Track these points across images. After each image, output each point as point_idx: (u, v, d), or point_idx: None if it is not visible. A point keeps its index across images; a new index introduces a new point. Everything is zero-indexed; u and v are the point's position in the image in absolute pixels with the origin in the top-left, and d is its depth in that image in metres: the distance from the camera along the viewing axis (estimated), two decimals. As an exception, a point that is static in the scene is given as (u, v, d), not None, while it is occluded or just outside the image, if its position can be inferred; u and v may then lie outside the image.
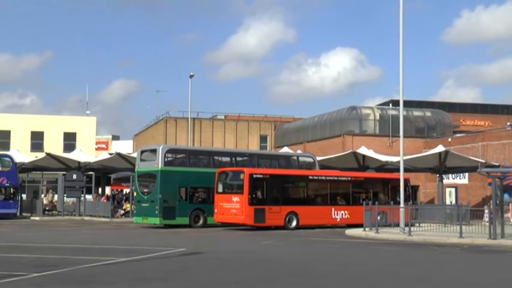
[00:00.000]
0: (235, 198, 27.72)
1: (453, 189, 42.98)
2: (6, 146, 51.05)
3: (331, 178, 31.17)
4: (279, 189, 29.00)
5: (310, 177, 30.81)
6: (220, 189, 28.77)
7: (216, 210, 28.49)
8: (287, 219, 28.33)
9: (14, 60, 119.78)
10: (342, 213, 30.37)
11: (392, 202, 30.29)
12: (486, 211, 37.14)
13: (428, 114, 49.82)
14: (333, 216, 30.08)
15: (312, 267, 14.60)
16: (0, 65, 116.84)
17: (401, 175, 26.16)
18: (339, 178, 31.51)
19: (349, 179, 31.67)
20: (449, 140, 43.84)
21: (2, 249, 17.85)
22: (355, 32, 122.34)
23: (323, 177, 31.03)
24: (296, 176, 31.11)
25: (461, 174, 41.89)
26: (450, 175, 41.47)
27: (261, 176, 28.43)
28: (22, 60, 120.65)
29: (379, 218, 30.36)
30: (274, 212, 27.89)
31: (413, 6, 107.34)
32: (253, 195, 27.60)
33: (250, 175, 27.67)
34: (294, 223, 28.52)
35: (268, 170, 30.59)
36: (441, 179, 37.07)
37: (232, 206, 27.79)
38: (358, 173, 33.72)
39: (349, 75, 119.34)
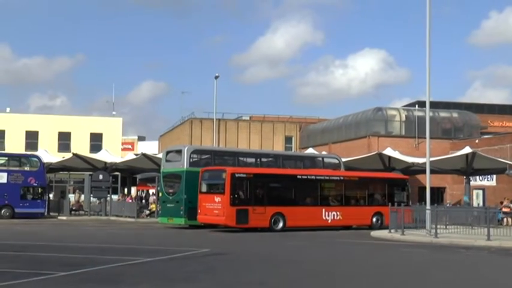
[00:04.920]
0: (217, 199, 26.81)
1: (480, 191, 42.44)
2: (34, 147, 51.72)
3: (322, 178, 29.99)
4: (264, 189, 27.86)
5: (299, 176, 29.37)
6: (203, 189, 28.00)
7: (199, 211, 27.79)
8: (272, 220, 27.20)
9: (46, 62, 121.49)
10: (334, 215, 29.11)
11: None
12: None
13: (455, 115, 49.22)
14: (324, 218, 28.84)
15: (337, 269, 14.52)
16: (33, 67, 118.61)
17: (428, 177, 25.89)
18: (331, 178, 30.40)
19: (342, 178, 30.47)
20: (477, 141, 43.26)
21: (30, 248, 18.10)
22: (383, 33, 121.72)
23: (312, 177, 29.64)
24: (282, 176, 29.64)
25: (488, 176, 41.35)
26: (477, 177, 40.96)
27: (244, 175, 27.33)
28: (54, 62, 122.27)
29: (374, 219, 30.05)
30: (258, 213, 26.72)
31: (441, 8, 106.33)
32: (235, 196, 26.59)
33: (232, 174, 26.70)
34: (281, 224, 27.40)
35: (252, 169, 29.46)
36: (468, 181, 36.63)
37: (214, 206, 26.87)
38: (352, 172, 32.58)
39: (376, 76, 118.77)
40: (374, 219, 30.06)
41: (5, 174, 35.72)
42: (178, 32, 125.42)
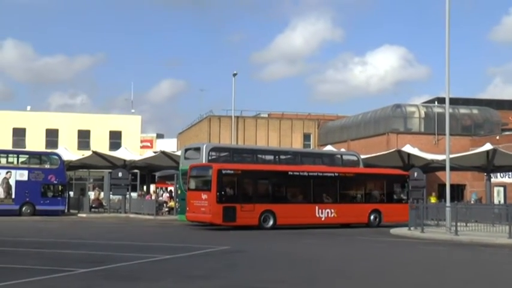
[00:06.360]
0: (204, 196, 26.15)
1: (501, 189, 42.04)
2: (54, 145, 52.16)
3: (315, 174, 28.82)
4: (253, 185, 27.30)
5: (290, 173, 28.29)
6: (192, 186, 27.49)
7: (187, 208, 27.48)
8: (262, 218, 26.46)
9: (67, 61, 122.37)
10: (328, 212, 28.22)
11: (385, 199, 29.81)
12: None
13: (475, 111, 48.80)
14: (317, 215, 27.97)
15: (357, 267, 14.46)
16: (54, 65, 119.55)
17: (448, 174, 25.67)
18: (324, 174, 29.16)
19: (336, 174, 29.40)
20: (498, 137, 42.87)
21: (51, 245, 18.26)
22: (402, 30, 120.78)
23: (305, 173, 28.55)
24: (272, 172, 28.51)
25: (510, 173, 40.94)
26: (498, 174, 40.56)
27: (232, 171, 26.58)
28: (75, 61, 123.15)
29: (372, 217, 29.51)
30: (246, 211, 26.04)
31: (461, 4, 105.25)
32: (222, 193, 25.88)
33: (219, 171, 25.98)
34: (271, 222, 26.63)
35: (240, 165, 28.12)
36: (489, 178, 36.27)
37: (201, 203, 26.24)
38: (347, 169, 31.40)
39: (395, 73, 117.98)
40: (372, 217, 29.34)
41: (25, 172, 36.07)
42: (197, 30, 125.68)
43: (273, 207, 27.00)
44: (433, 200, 36.54)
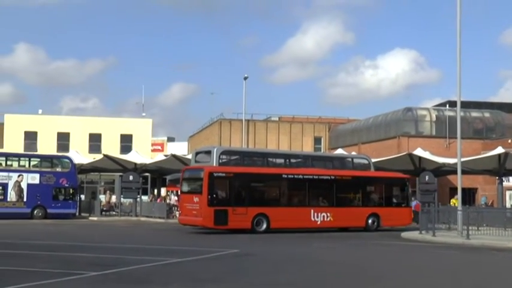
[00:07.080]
0: (196, 199, 26.04)
1: (513, 192, 41.78)
2: (66, 148, 52.40)
3: (310, 177, 28.42)
4: (246, 188, 26.89)
5: (284, 175, 27.99)
6: (184, 188, 27.52)
7: (180, 211, 27.42)
8: (255, 221, 26.21)
9: (78, 65, 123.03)
10: (324, 216, 27.89)
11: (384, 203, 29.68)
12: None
13: (486, 115, 48.54)
14: (313, 219, 27.62)
15: (367, 270, 14.42)
16: (66, 69, 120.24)
17: (459, 177, 25.56)
18: (320, 177, 28.71)
19: (333, 177, 28.84)
20: (509, 141, 42.58)
21: (62, 248, 18.35)
22: (414, 33, 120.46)
23: (300, 176, 28.25)
24: (266, 175, 28.08)
25: (522, 177, 40.69)
26: (510, 177, 40.32)
27: (224, 174, 26.39)
28: (86, 65, 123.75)
29: (370, 221, 29.21)
30: (238, 214, 25.81)
31: (472, 7, 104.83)
32: (214, 196, 25.78)
33: (210, 174, 25.79)
34: (264, 226, 26.39)
35: (232, 168, 27.53)
36: (501, 182, 36.06)
37: (193, 206, 26.12)
38: (344, 171, 30.28)
39: (407, 77, 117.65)
40: (370, 221, 29.02)
41: (37, 175, 36.28)
42: (208, 33, 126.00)
43: (267, 211, 26.75)
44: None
